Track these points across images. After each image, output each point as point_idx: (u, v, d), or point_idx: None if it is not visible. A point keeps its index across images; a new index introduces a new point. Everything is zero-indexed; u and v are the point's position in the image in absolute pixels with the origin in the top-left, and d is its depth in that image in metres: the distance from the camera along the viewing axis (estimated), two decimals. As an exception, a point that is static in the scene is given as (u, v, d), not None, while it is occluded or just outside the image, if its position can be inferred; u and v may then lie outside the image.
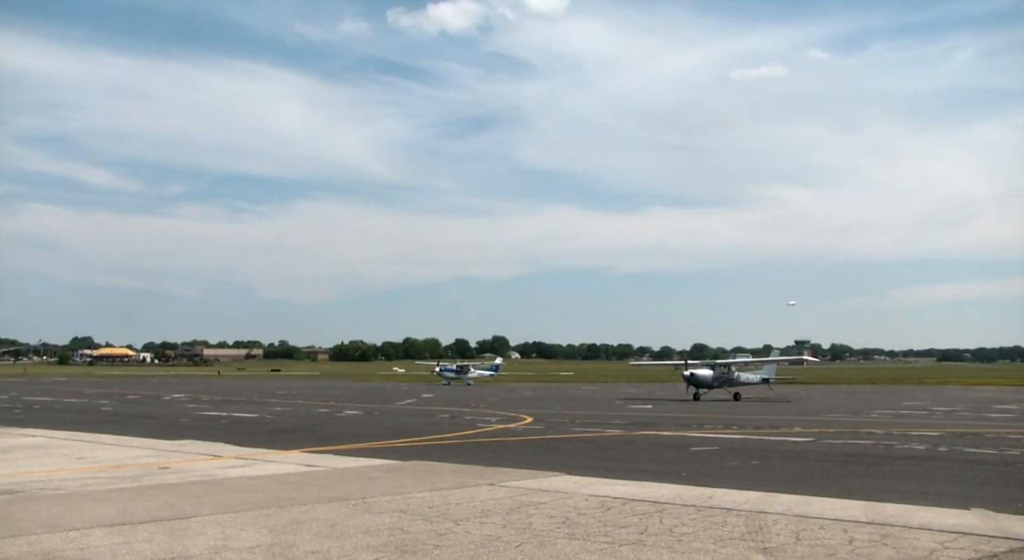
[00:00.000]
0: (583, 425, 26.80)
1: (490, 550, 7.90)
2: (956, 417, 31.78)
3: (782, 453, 18.67)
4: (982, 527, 8.98)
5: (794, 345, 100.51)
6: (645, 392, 58.44)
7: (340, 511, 9.90)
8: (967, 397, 51.22)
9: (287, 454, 17.46)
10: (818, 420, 29.44)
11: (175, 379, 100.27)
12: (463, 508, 10.10)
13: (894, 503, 10.70)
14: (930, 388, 69.89)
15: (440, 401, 44.98)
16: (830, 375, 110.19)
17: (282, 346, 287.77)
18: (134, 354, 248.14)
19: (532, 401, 44.29)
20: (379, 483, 12.36)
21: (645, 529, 8.90)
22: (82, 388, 65.82)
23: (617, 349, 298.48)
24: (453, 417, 31.14)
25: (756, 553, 7.80)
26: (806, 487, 12.47)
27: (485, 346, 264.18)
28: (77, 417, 31.36)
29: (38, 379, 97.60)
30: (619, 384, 79.52)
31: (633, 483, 12.46)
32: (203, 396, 50.64)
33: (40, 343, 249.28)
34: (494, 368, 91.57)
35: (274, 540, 8.30)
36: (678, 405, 40.98)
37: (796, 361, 67.44)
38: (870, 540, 8.34)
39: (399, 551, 7.86)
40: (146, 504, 10.43)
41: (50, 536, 8.48)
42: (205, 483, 12.56)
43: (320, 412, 34.81)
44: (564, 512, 9.86)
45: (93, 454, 16.95)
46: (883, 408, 37.96)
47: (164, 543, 8.18)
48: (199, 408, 37.74)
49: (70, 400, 46.17)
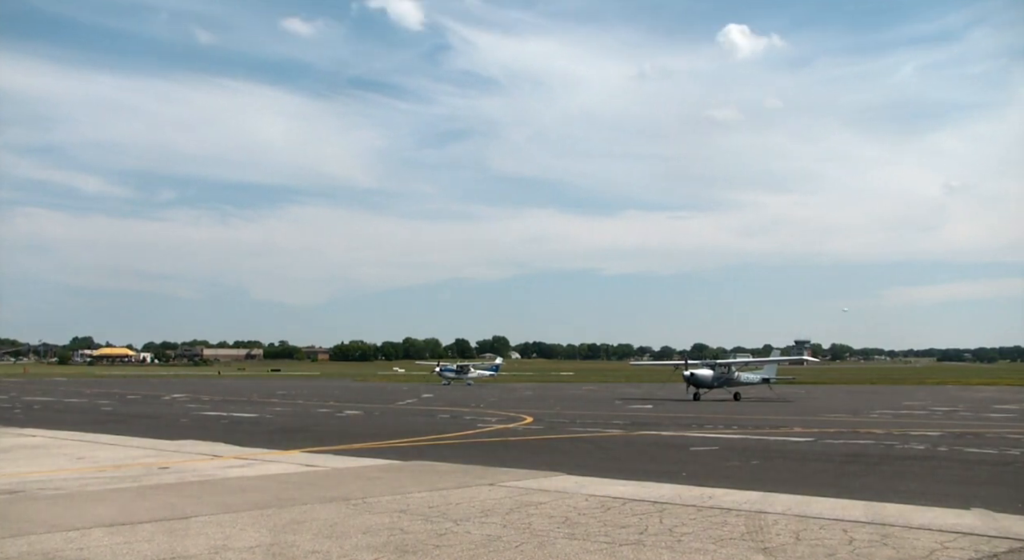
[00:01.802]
0: (583, 425, 26.79)
1: (490, 550, 7.90)
2: (956, 417, 31.77)
3: (782, 453, 18.67)
4: (982, 527, 8.98)
5: (794, 345, 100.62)
6: (645, 392, 58.43)
7: (340, 511, 9.90)
8: (967, 397, 51.19)
9: (287, 454, 17.46)
10: (818, 420, 29.43)
11: (175, 379, 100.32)
12: (463, 508, 10.10)
13: (894, 503, 10.69)
14: (930, 388, 69.87)
15: (440, 401, 44.98)
16: (830, 375, 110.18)
17: (282, 346, 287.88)
18: (134, 354, 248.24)
19: (532, 401, 44.29)
20: (379, 483, 12.35)
21: (645, 529, 8.90)
22: (82, 388, 65.82)
23: (617, 349, 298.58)
24: (453, 417, 31.14)
25: (756, 553, 7.79)
26: (806, 487, 12.46)
27: (485, 346, 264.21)
28: (77, 417, 31.36)
29: (38, 379, 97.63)
30: (619, 384, 79.52)
31: (633, 483, 12.46)
32: (203, 396, 50.64)
33: (40, 343, 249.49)
34: (494, 368, 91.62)
35: (274, 540, 8.30)
36: (678, 405, 40.98)
37: (796, 361, 67.53)
38: (870, 540, 8.33)
39: (399, 551, 7.86)
40: (146, 504, 10.42)
41: (50, 536, 8.47)
42: (205, 483, 12.55)
43: (320, 412, 34.81)
44: (564, 512, 9.86)
45: (93, 454, 16.95)
46: (883, 408, 37.95)
47: (164, 543, 8.17)
48: (199, 408, 37.74)
49: (70, 400, 46.18)
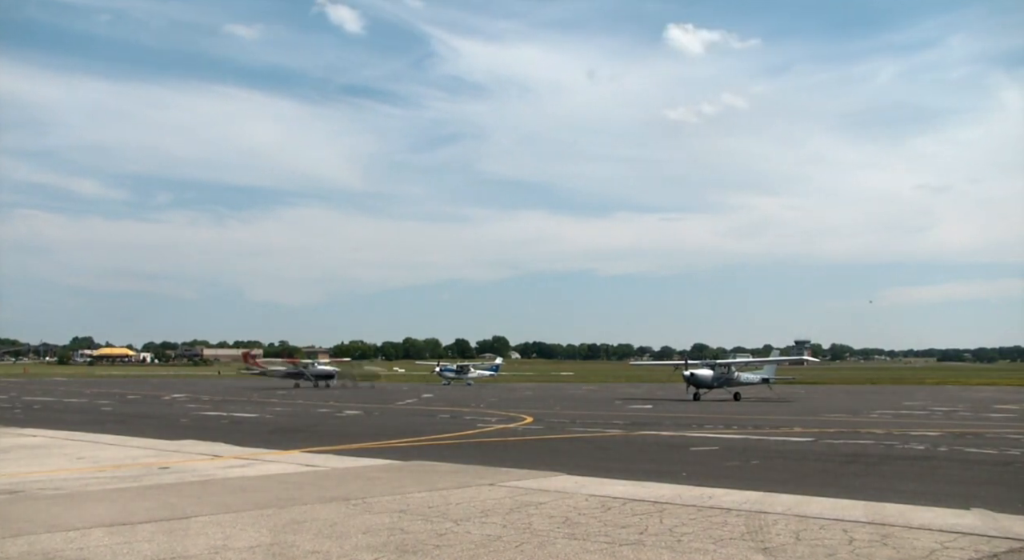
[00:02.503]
0: (583, 425, 26.80)
1: (490, 550, 7.90)
2: (956, 417, 31.78)
3: (782, 453, 18.67)
4: (982, 527, 8.97)
5: (794, 345, 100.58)
6: (645, 392, 58.43)
7: (340, 511, 9.90)
8: (967, 397, 51.22)
9: (287, 454, 17.46)
10: (818, 420, 29.44)
11: (175, 379, 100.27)
12: (463, 508, 10.10)
13: (894, 503, 10.69)
14: (930, 388, 69.88)
15: (440, 401, 44.98)
16: (830, 375, 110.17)
17: (282, 346, 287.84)
18: (134, 354, 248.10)
19: (532, 401, 44.29)
20: (379, 483, 12.35)
21: (645, 529, 8.90)
22: (82, 388, 65.81)
23: (617, 349, 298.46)
24: (453, 417, 31.14)
25: (756, 553, 7.79)
26: (806, 487, 12.46)
27: (485, 346, 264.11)
28: (77, 417, 31.35)
29: (38, 379, 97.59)
30: (619, 384, 79.52)
31: (633, 483, 12.46)
32: (203, 396, 50.64)
33: (40, 343, 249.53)
34: (494, 368, 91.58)
35: (274, 540, 8.30)
36: (678, 405, 40.98)
37: (796, 361, 67.53)
38: (870, 540, 8.33)
39: (399, 551, 7.86)
40: (146, 504, 10.42)
41: (50, 536, 8.47)
42: (205, 483, 12.56)
43: (320, 412, 34.82)
44: (564, 512, 9.86)
45: (93, 454, 16.95)
46: (883, 408, 37.96)
47: (164, 543, 8.18)
48: (199, 408, 37.74)
49: (70, 400, 46.18)
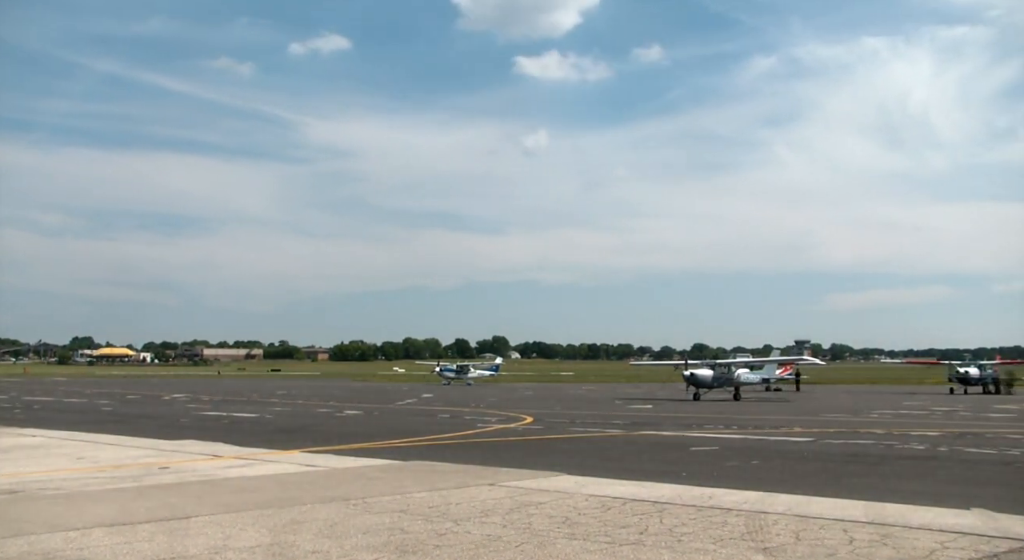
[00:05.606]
0: (583, 425, 26.79)
1: (490, 550, 7.90)
2: (956, 417, 31.78)
3: (782, 453, 18.68)
4: (982, 527, 8.97)
5: (794, 345, 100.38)
6: (645, 392, 58.40)
7: (340, 511, 9.90)
8: (967, 397, 51.21)
9: (287, 454, 17.46)
10: (818, 420, 29.44)
11: (175, 379, 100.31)
12: (463, 508, 10.10)
13: (894, 503, 10.68)
14: (930, 388, 69.81)
15: (440, 401, 44.98)
16: (830, 375, 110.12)
17: (282, 346, 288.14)
18: (134, 354, 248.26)
19: (532, 401, 44.29)
20: (379, 483, 12.35)
21: (645, 529, 8.90)
22: (82, 388, 65.82)
23: (617, 349, 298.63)
24: (453, 417, 31.14)
25: (756, 553, 7.79)
26: (806, 487, 12.46)
27: (485, 346, 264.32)
28: (77, 417, 31.35)
29: (38, 379, 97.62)
30: (619, 384, 79.49)
31: (633, 483, 12.45)
32: (203, 396, 50.64)
33: (40, 343, 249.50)
34: (494, 368, 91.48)
35: (274, 540, 8.30)
36: (678, 405, 40.98)
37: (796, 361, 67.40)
38: (870, 540, 8.33)
39: (399, 551, 7.86)
40: (146, 504, 10.42)
41: (50, 536, 8.47)
42: (205, 483, 12.55)
43: (320, 412, 34.82)
44: (564, 512, 9.86)
45: (93, 454, 16.95)
46: (883, 408, 37.95)
47: (164, 543, 8.17)
48: (199, 408, 37.75)
49: (70, 400, 46.18)
